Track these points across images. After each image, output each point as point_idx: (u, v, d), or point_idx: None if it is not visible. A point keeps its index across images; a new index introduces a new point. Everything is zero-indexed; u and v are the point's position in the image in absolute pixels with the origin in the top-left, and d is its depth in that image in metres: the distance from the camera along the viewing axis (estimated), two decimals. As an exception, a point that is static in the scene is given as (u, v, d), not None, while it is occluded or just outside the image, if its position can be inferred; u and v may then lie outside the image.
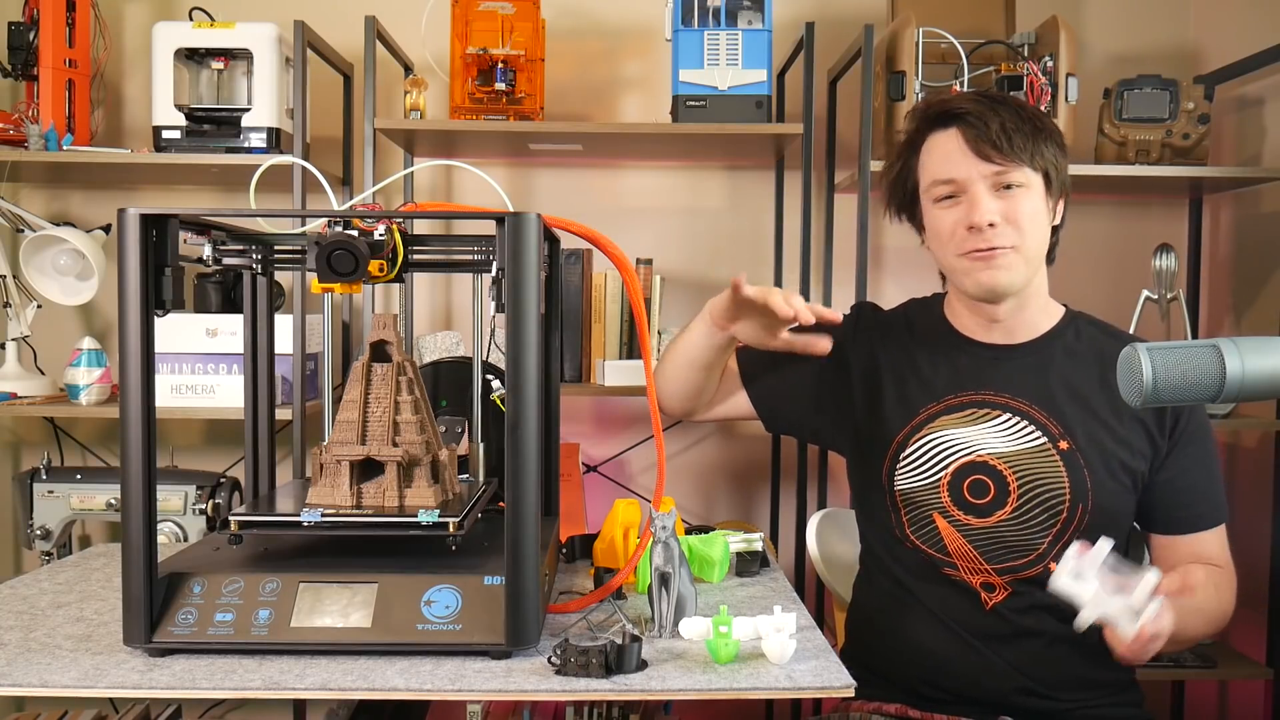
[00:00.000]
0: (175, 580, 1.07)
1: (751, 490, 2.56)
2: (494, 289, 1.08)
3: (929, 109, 1.41)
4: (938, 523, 1.39)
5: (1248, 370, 0.86)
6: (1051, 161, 1.35)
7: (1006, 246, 1.34)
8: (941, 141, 1.37)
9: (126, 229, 1.00)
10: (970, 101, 1.36)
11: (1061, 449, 1.36)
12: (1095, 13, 2.50)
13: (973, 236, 1.34)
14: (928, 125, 1.40)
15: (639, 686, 1.00)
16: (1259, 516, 2.23)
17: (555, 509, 1.37)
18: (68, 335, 2.36)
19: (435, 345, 2.21)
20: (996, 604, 1.37)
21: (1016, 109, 1.35)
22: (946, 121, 1.37)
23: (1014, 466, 1.36)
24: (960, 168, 1.35)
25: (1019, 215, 1.33)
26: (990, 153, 1.32)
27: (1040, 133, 1.35)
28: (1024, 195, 1.34)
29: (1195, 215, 2.43)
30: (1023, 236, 1.34)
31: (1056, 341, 1.43)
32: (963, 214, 1.35)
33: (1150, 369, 0.87)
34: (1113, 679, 1.39)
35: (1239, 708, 2.42)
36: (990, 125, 1.32)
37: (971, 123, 1.33)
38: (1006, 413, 1.39)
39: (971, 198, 1.34)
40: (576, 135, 2.19)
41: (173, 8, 2.43)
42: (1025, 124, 1.34)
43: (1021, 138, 1.33)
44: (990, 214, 1.33)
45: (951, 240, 1.37)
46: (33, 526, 2.12)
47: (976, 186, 1.34)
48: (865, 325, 1.53)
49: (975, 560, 1.37)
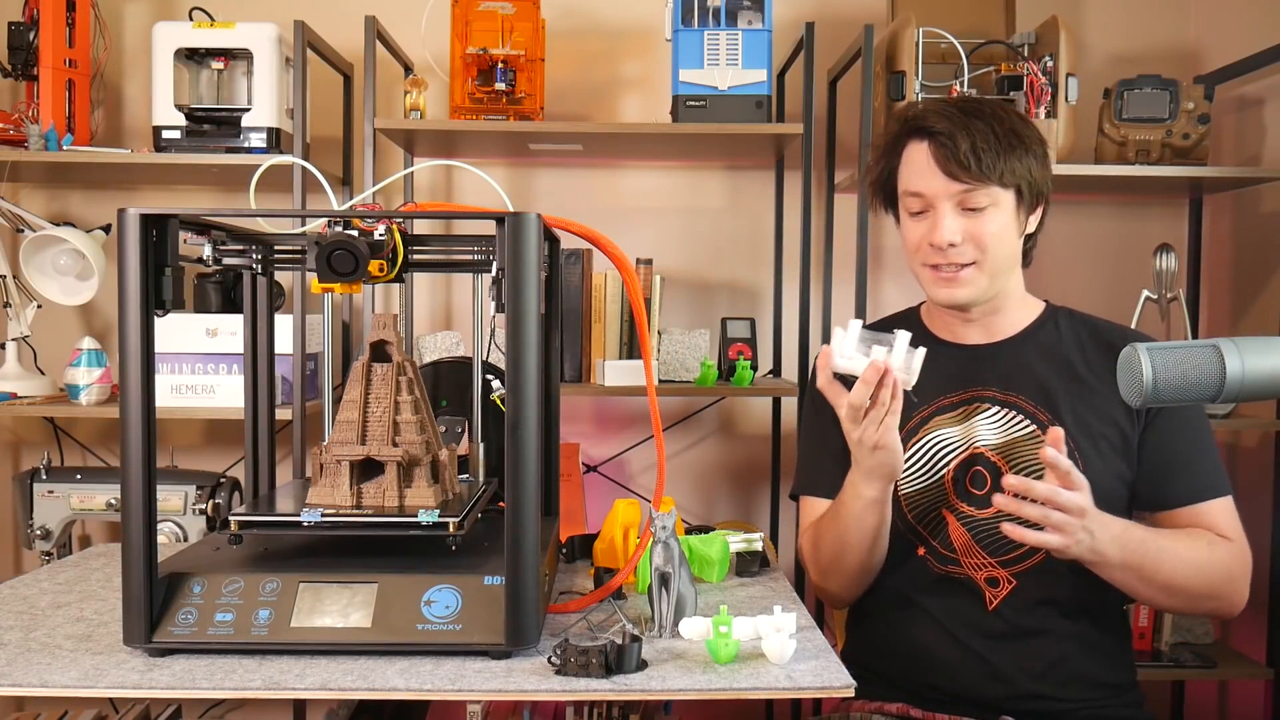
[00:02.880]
0: (175, 580, 1.07)
1: (751, 490, 2.56)
2: (494, 289, 1.08)
3: (906, 119, 1.42)
4: (948, 519, 1.40)
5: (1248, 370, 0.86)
6: (1024, 175, 1.36)
7: (967, 264, 1.37)
8: (915, 153, 1.39)
9: (126, 229, 1.00)
10: (944, 118, 1.36)
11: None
12: (1095, 13, 2.50)
13: (935, 252, 1.38)
14: (906, 134, 1.42)
15: (639, 686, 1.00)
16: (1259, 516, 2.23)
17: (555, 509, 1.37)
18: (68, 335, 2.36)
19: (435, 345, 2.21)
20: (1000, 603, 1.37)
21: (993, 122, 1.35)
22: (921, 135, 1.38)
23: (1007, 456, 1.38)
24: (929, 183, 1.37)
25: (983, 234, 1.36)
26: (958, 172, 1.34)
27: (1015, 148, 1.35)
28: (991, 214, 1.36)
29: (1195, 215, 2.43)
30: (985, 254, 1.37)
31: (1037, 334, 1.45)
32: (926, 229, 1.38)
33: (1150, 369, 0.87)
34: (1115, 679, 1.40)
35: (1239, 708, 2.42)
36: (960, 145, 1.33)
37: (942, 142, 1.35)
38: (995, 405, 1.41)
39: (936, 215, 1.37)
40: (576, 135, 2.19)
41: (173, 8, 2.43)
42: (999, 140, 1.34)
43: (992, 156, 1.33)
44: (951, 234, 1.35)
45: (917, 252, 1.41)
46: (33, 526, 2.12)
47: (942, 205, 1.36)
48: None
49: (979, 555, 1.38)
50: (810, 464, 1.52)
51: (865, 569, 1.41)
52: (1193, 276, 2.42)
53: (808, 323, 2.21)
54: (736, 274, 2.52)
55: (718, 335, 2.30)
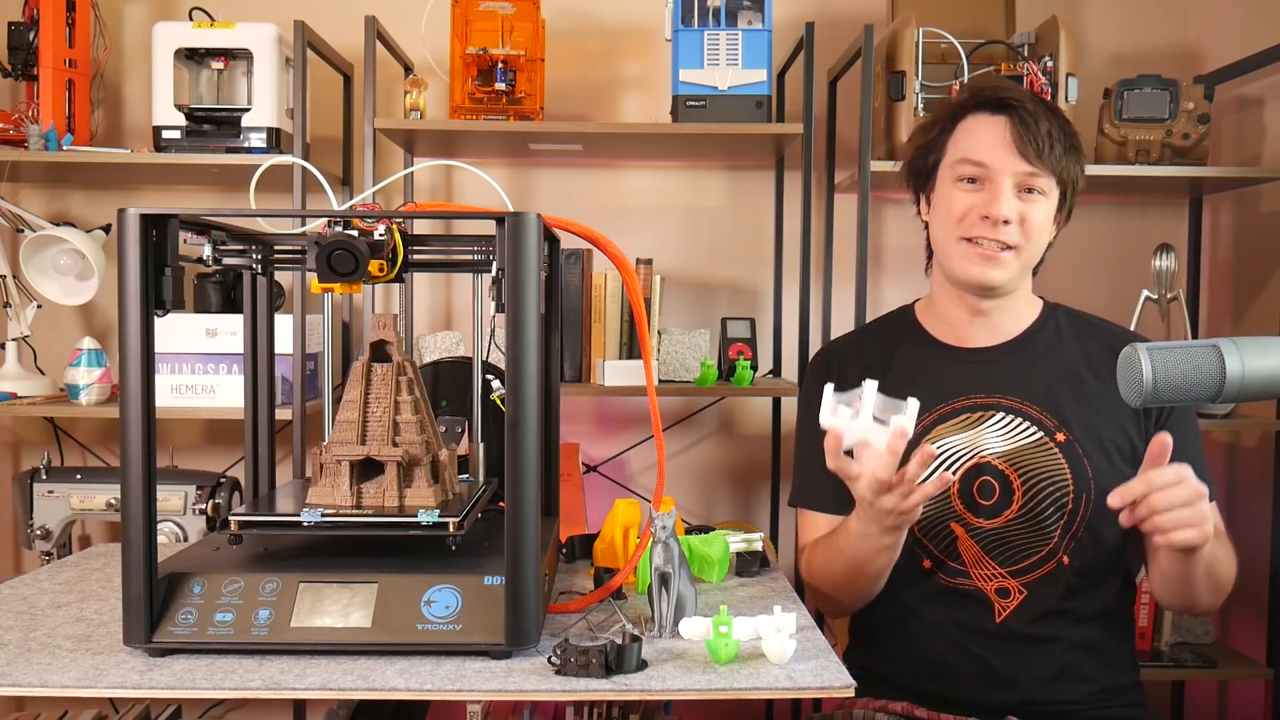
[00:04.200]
0: (175, 580, 1.07)
1: (751, 490, 2.56)
2: (494, 289, 1.08)
3: (983, 91, 1.41)
4: (955, 531, 1.38)
5: (1248, 370, 0.86)
6: (1074, 178, 1.38)
7: (1011, 246, 1.35)
8: (986, 125, 1.37)
9: (126, 229, 1.00)
10: (1027, 97, 1.37)
11: (1059, 440, 1.36)
12: (1095, 13, 2.50)
13: (983, 226, 1.35)
14: (975, 105, 1.39)
15: (639, 686, 1.00)
16: (1259, 516, 2.23)
17: (555, 509, 1.37)
18: (68, 335, 2.36)
19: (435, 345, 2.21)
20: (1009, 615, 1.36)
21: (1062, 120, 1.37)
22: (997, 108, 1.37)
23: (1015, 465, 1.36)
24: (997, 156, 1.35)
25: (1031, 220, 1.35)
26: (1031, 154, 1.33)
27: (1075, 149, 1.38)
28: (1042, 203, 1.36)
29: (1195, 215, 2.43)
30: (1028, 241, 1.36)
31: (1038, 336, 1.44)
32: (981, 201, 1.36)
33: (1150, 369, 0.87)
34: (1120, 682, 1.39)
35: (1239, 708, 2.42)
36: (1041, 126, 1.33)
37: (1024, 118, 1.34)
38: (1000, 412, 1.39)
39: (995, 189, 1.35)
40: (576, 135, 2.19)
41: (173, 8, 2.43)
42: (1066, 136, 1.36)
43: (1061, 148, 1.35)
44: (1009, 211, 1.34)
45: (960, 223, 1.37)
46: (33, 526, 2.12)
47: (1003, 180, 1.35)
48: (848, 360, 1.52)
49: (990, 565, 1.36)
50: (806, 474, 1.50)
51: (870, 594, 1.40)
52: (1193, 276, 2.42)
53: (808, 323, 2.21)
54: (736, 274, 2.52)
55: (718, 335, 2.30)
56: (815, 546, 1.44)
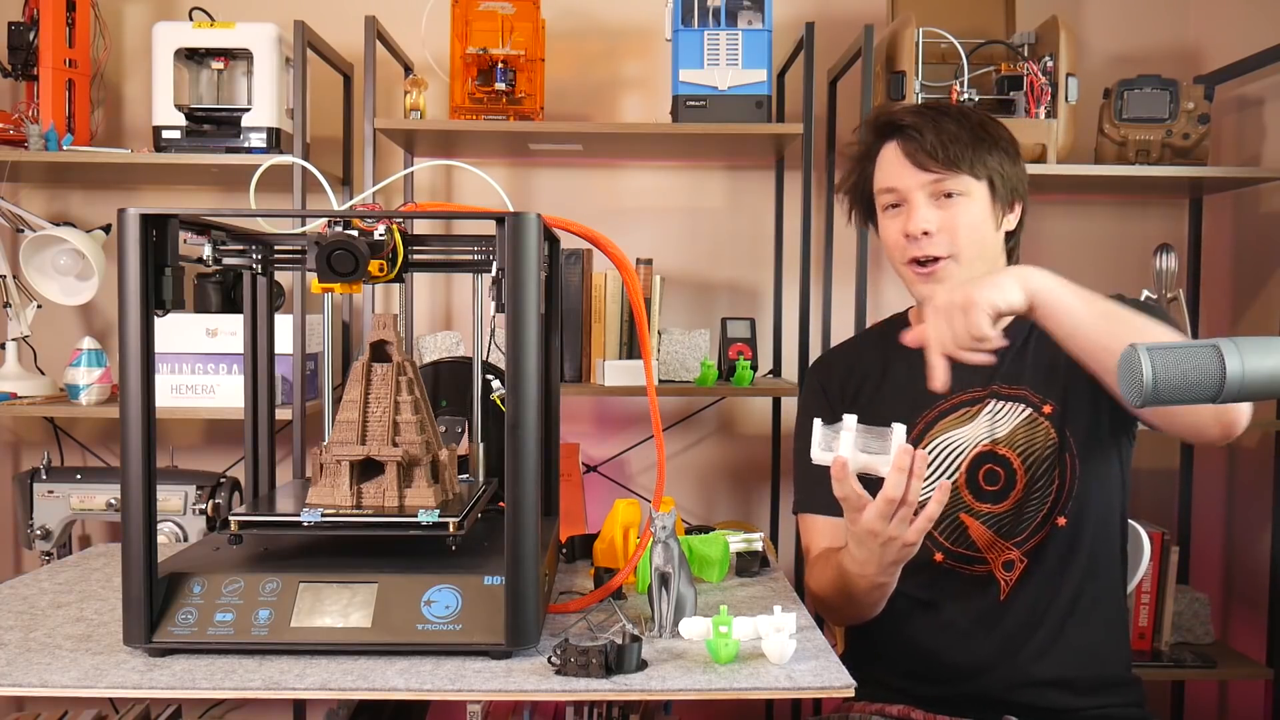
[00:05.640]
0: (175, 580, 1.07)
1: (751, 490, 2.56)
2: (494, 289, 1.08)
3: (875, 121, 1.46)
4: (965, 522, 1.39)
5: (1248, 370, 0.86)
6: (995, 169, 1.39)
7: (942, 256, 1.38)
8: (887, 153, 1.43)
9: (126, 229, 1.00)
10: (911, 114, 1.41)
11: (1046, 413, 1.39)
12: (1095, 13, 2.50)
13: (911, 244, 1.40)
14: (878, 137, 1.45)
15: (639, 686, 1.00)
16: (1259, 516, 2.23)
17: (555, 509, 1.37)
18: (68, 335, 2.36)
19: (435, 345, 2.21)
20: (1012, 589, 1.37)
21: (959, 119, 1.40)
22: (890, 133, 1.42)
23: (1015, 448, 1.38)
24: (901, 177, 1.40)
25: (956, 225, 1.38)
26: (926, 161, 1.37)
27: (983, 141, 1.39)
28: (964, 204, 1.38)
29: (1195, 215, 2.43)
30: (958, 246, 1.38)
31: (1023, 325, 1.43)
32: (902, 223, 1.41)
33: (1150, 369, 0.87)
34: (1114, 675, 1.39)
35: (1239, 708, 2.42)
36: (926, 136, 1.37)
37: (909, 135, 1.39)
38: (994, 399, 1.41)
39: (910, 207, 1.40)
40: (576, 135, 2.19)
41: (173, 8, 2.43)
42: (967, 133, 1.38)
43: (960, 147, 1.37)
44: (925, 223, 1.38)
45: (896, 249, 1.43)
46: (33, 526, 2.12)
47: (915, 195, 1.39)
48: (836, 375, 1.54)
49: (1000, 545, 1.38)
50: (807, 479, 1.50)
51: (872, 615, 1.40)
52: (1193, 276, 2.42)
53: (808, 323, 2.21)
54: (736, 274, 2.52)
55: (718, 335, 2.30)
56: (819, 565, 1.44)
